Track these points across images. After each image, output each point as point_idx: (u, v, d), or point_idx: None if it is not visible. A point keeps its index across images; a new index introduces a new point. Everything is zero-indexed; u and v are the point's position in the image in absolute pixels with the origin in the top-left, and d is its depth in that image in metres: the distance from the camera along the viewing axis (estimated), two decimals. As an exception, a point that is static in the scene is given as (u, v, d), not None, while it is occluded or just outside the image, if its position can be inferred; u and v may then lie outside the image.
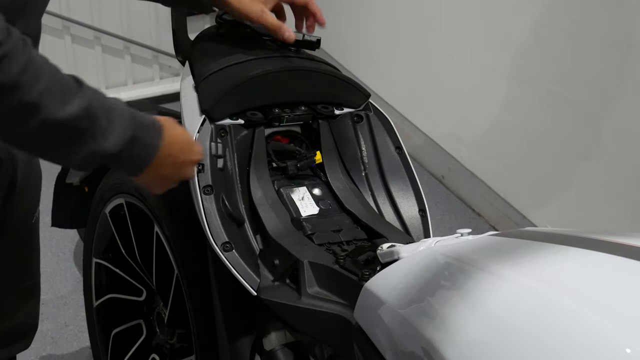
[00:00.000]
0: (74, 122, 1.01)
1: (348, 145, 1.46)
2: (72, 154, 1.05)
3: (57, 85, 1.00)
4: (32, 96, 0.97)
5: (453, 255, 1.01)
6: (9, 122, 0.99)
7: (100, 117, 1.04)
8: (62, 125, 1.01)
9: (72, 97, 1.01)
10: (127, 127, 1.07)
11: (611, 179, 2.36)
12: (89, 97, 1.03)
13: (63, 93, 1.00)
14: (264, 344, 1.33)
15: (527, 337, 0.82)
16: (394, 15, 3.17)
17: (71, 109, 1.00)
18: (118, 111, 1.07)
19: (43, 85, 0.98)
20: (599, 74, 2.33)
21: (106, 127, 1.05)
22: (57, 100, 0.99)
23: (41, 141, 1.03)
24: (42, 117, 0.99)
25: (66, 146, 1.04)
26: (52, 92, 0.99)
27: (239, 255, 1.29)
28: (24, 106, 0.97)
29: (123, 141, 1.07)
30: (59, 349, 2.23)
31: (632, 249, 0.91)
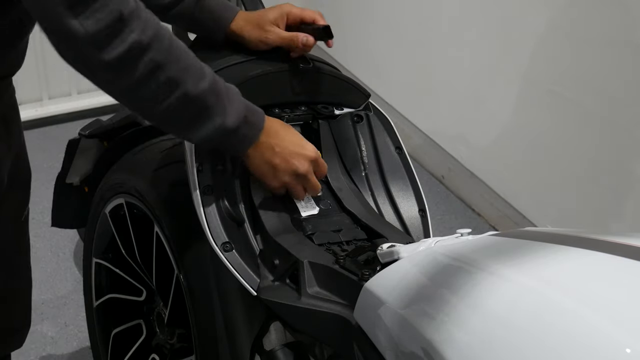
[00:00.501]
0: (205, 98, 1.14)
1: (348, 145, 1.46)
2: (198, 127, 1.17)
3: (193, 63, 1.13)
4: (176, 73, 1.10)
5: (453, 255, 1.01)
6: (155, 98, 1.11)
7: (223, 95, 1.16)
8: (196, 100, 1.13)
9: (203, 75, 1.14)
10: (241, 106, 1.20)
11: (611, 178, 2.36)
12: (213, 76, 1.16)
13: (197, 70, 1.13)
14: (264, 344, 1.33)
15: (527, 337, 0.82)
16: (394, 15, 3.17)
17: (203, 85, 1.13)
18: (233, 91, 1.20)
19: (183, 63, 1.11)
20: (599, 74, 2.33)
21: (227, 104, 1.17)
22: (194, 77, 1.12)
23: (176, 114, 1.14)
24: (182, 91, 1.11)
25: (196, 120, 1.16)
26: (189, 69, 1.12)
27: (239, 255, 1.29)
28: (169, 82, 1.10)
29: (239, 119, 1.19)
30: (59, 349, 2.23)
31: (632, 249, 0.91)
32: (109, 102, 3.15)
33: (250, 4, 1.55)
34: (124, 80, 1.08)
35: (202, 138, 1.19)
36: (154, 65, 1.07)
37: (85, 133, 2.02)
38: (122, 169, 1.71)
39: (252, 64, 1.42)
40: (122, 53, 1.04)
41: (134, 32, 1.03)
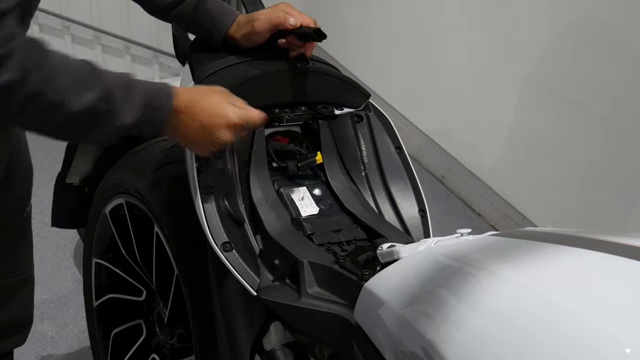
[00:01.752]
0: (93, 107, 1.11)
1: (348, 145, 1.46)
2: (94, 133, 1.16)
3: (76, 77, 1.10)
4: (55, 96, 1.08)
5: (453, 255, 1.01)
6: (38, 122, 1.11)
7: (116, 96, 1.13)
8: (83, 113, 1.11)
9: (90, 85, 1.11)
10: (140, 98, 1.16)
11: (611, 178, 2.36)
12: (104, 80, 1.13)
13: (82, 83, 1.11)
14: (264, 344, 1.33)
15: (527, 336, 0.82)
16: (394, 15, 3.17)
17: (91, 96, 1.10)
18: (130, 86, 1.16)
19: (64, 83, 1.09)
20: (599, 74, 2.33)
21: (122, 103, 1.14)
22: (77, 92, 1.10)
23: (65, 128, 1.14)
24: (66, 110, 1.09)
25: (89, 128, 1.15)
26: (72, 86, 1.09)
27: (239, 255, 1.29)
28: (50, 106, 1.08)
29: (138, 111, 1.15)
30: (59, 349, 2.23)
31: (632, 249, 0.91)
32: (109, 102, 3.15)
33: (251, 4, 1.55)
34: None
35: (102, 140, 1.21)
36: (28, 98, 1.07)
37: (85, 133, 2.02)
38: (122, 169, 1.71)
39: (252, 64, 1.42)
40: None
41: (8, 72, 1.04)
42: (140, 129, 1.19)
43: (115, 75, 1.15)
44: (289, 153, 1.44)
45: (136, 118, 1.16)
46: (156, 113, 1.18)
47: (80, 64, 1.12)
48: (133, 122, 1.15)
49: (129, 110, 1.15)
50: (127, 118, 1.15)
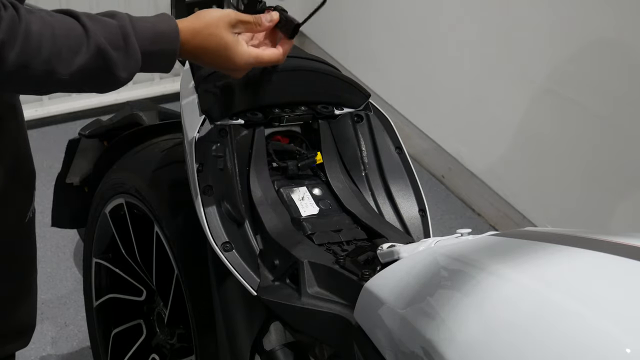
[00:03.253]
0: (88, 67, 1.06)
1: (348, 145, 1.46)
2: (96, 86, 1.11)
3: (61, 43, 1.04)
4: (38, 68, 1.02)
5: (453, 255, 1.01)
6: (32, 89, 1.08)
7: (110, 52, 1.08)
8: (77, 75, 1.06)
9: (79, 47, 1.06)
10: (138, 48, 1.11)
11: (611, 179, 2.36)
12: (95, 39, 1.07)
13: (69, 48, 1.05)
14: (264, 344, 1.33)
15: (527, 337, 0.82)
16: (394, 15, 3.17)
17: (80, 59, 1.05)
18: (127, 36, 1.10)
19: (46, 53, 1.03)
20: (599, 74, 2.33)
21: (119, 57, 1.09)
22: (65, 59, 1.04)
23: (63, 88, 1.09)
24: (55, 79, 1.05)
25: (89, 84, 1.10)
26: (57, 54, 1.04)
27: (239, 255, 1.29)
28: (36, 77, 1.03)
29: (137, 61, 1.11)
30: (59, 349, 2.23)
31: (632, 249, 0.91)
32: (109, 102, 3.16)
33: None
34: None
35: (105, 91, 1.14)
36: (6, 75, 1.02)
37: (85, 133, 2.02)
38: (122, 169, 1.71)
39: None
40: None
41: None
42: (148, 70, 1.16)
43: (108, 27, 1.09)
44: (289, 153, 1.44)
45: (137, 68, 1.12)
46: (159, 59, 1.14)
47: (64, 24, 1.06)
48: (134, 72, 1.12)
49: (128, 63, 1.10)
50: (127, 70, 1.10)
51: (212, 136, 1.36)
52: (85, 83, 1.10)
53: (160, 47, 1.13)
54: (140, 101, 2.19)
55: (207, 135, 1.36)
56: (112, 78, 1.10)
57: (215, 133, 1.36)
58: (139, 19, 1.13)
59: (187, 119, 1.41)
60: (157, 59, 1.14)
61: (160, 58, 1.14)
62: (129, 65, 1.10)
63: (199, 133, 1.36)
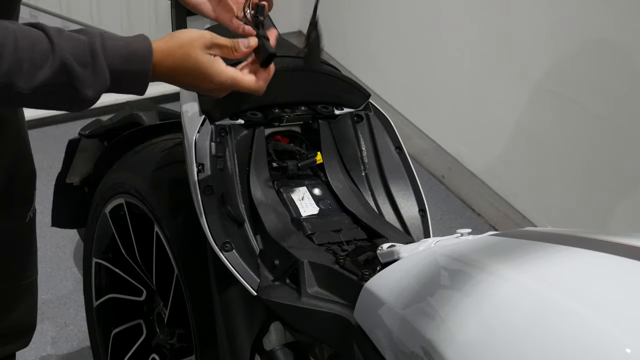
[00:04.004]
0: (51, 83, 1.02)
1: (348, 145, 1.46)
2: (61, 105, 1.07)
3: (23, 57, 1.00)
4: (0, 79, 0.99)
5: (453, 255, 1.01)
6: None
7: (75, 68, 1.04)
8: (40, 90, 1.02)
9: (42, 62, 1.02)
10: (108, 65, 1.06)
11: (611, 179, 2.36)
12: (60, 54, 1.03)
13: (32, 61, 1.01)
14: (264, 344, 1.33)
15: (527, 337, 0.82)
16: (394, 15, 3.17)
17: (43, 75, 1.02)
18: (94, 53, 1.05)
19: (6, 66, 0.99)
20: (599, 74, 2.33)
21: (85, 75, 1.05)
22: (25, 73, 1.00)
23: (30, 104, 1.05)
24: (15, 91, 1.01)
25: (52, 101, 1.06)
26: (17, 68, 1.00)
27: (239, 255, 1.29)
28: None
29: (105, 81, 1.06)
30: (59, 349, 2.23)
31: (632, 249, 0.91)
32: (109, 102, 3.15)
33: None
34: None
35: (74, 109, 1.10)
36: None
37: (85, 133, 2.02)
38: (122, 169, 1.71)
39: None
40: None
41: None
42: (119, 91, 1.10)
43: (76, 43, 1.04)
44: (289, 153, 1.44)
45: (104, 87, 1.07)
46: (129, 81, 1.09)
47: (29, 37, 1.02)
48: (101, 91, 1.07)
49: (94, 81, 1.05)
50: (93, 89, 1.06)
51: (212, 136, 1.36)
52: (49, 99, 1.06)
53: (131, 67, 1.08)
54: (140, 101, 2.19)
55: (207, 135, 1.36)
56: (77, 95, 1.05)
57: (215, 133, 1.36)
58: (112, 37, 1.09)
59: (187, 119, 1.41)
60: (128, 79, 1.09)
61: (132, 78, 1.09)
62: (96, 84, 1.05)
63: (199, 133, 1.36)
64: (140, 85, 1.11)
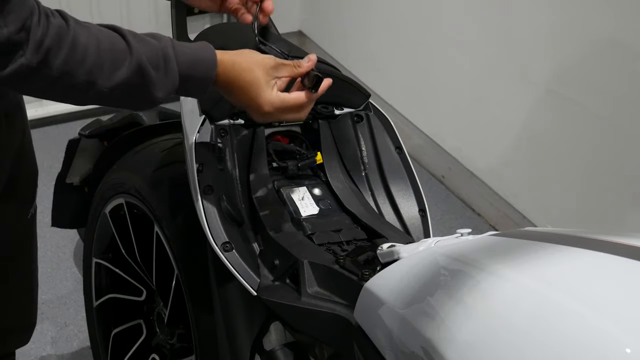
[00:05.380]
0: (127, 83, 1.09)
1: (348, 145, 1.46)
2: (132, 102, 1.14)
3: (105, 57, 1.07)
4: (80, 78, 1.05)
5: (453, 255, 1.01)
6: (73, 98, 1.10)
7: (150, 71, 1.10)
8: (117, 89, 1.08)
9: (121, 62, 1.08)
10: (177, 72, 1.13)
11: (611, 178, 2.36)
12: (137, 56, 1.09)
13: (112, 62, 1.07)
14: (264, 344, 1.33)
15: (527, 337, 0.82)
16: (394, 15, 3.17)
17: (121, 74, 1.08)
18: (167, 58, 1.12)
19: (89, 64, 1.05)
20: (599, 74, 2.33)
21: (157, 77, 1.11)
22: (106, 72, 1.07)
23: (100, 100, 1.11)
24: (96, 89, 1.07)
25: (125, 99, 1.12)
26: (100, 66, 1.06)
27: (239, 255, 1.29)
28: (76, 86, 1.06)
29: (174, 84, 1.13)
30: (59, 349, 2.23)
31: (632, 249, 0.91)
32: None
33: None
34: (25, 91, 1.07)
35: (143, 108, 1.19)
36: (53, 79, 1.04)
37: (85, 133, 2.02)
38: (122, 169, 1.71)
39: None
40: (12, 73, 1.01)
41: (24, 55, 1.00)
42: (183, 94, 1.19)
43: (150, 47, 1.12)
44: (289, 153, 1.44)
45: (173, 89, 1.14)
46: (194, 85, 1.17)
47: (109, 39, 1.09)
48: (170, 93, 1.14)
49: (165, 84, 1.13)
50: (163, 90, 1.13)
51: (212, 136, 1.36)
52: (123, 98, 1.12)
53: (198, 72, 1.15)
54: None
55: (207, 135, 1.36)
56: (148, 96, 1.12)
57: (215, 133, 1.36)
58: (180, 44, 1.16)
59: (187, 119, 1.41)
60: (193, 84, 1.16)
61: (197, 83, 1.16)
62: (167, 86, 1.13)
63: (199, 133, 1.36)
64: (203, 90, 1.18)
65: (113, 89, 1.08)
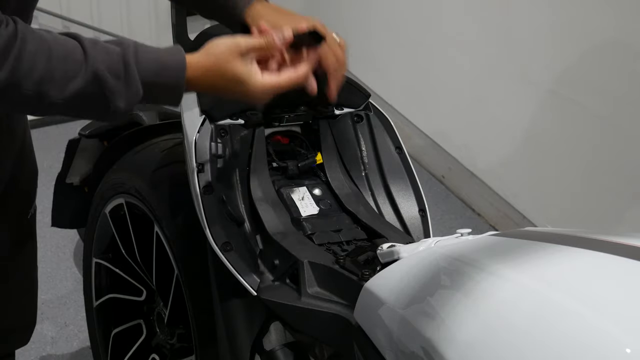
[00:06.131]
0: (83, 93, 1.03)
1: (348, 145, 1.46)
2: (93, 115, 1.09)
3: (57, 66, 1.01)
4: (29, 89, 1.00)
5: (453, 255, 1.01)
6: (25, 109, 1.06)
7: (107, 80, 1.04)
8: (72, 100, 1.03)
9: (75, 73, 1.02)
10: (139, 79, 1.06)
11: (611, 178, 2.36)
12: (93, 65, 1.03)
13: (64, 73, 1.02)
14: (264, 344, 1.33)
15: (527, 337, 0.82)
16: (394, 15, 3.17)
17: (75, 85, 1.02)
18: (127, 64, 1.06)
19: (38, 75, 1.00)
20: (599, 74, 2.33)
21: (117, 86, 1.05)
22: (58, 83, 1.01)
23: (61, 112, 1.06)
24: (47, 101, 1.02)
25: (83, 111, 1.07)
26: (50, 77, 1.01)
27: (239, 255, 1.29)
28: (26, 98, 1.01)
29: (137, 92, 1.07)
30: (59, 349, 2.23)
31: (632, 249, 0.91)
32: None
33: None
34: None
35: (105, 120, 1.11)
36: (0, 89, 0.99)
37: (85, 133, 2.02)
38: (122, 169, 1.71)
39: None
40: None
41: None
42: (151, 102, 1.11)
43: (110, 54, 1.05)
44: (289, 153, 1.44)
45: (137, 99, 1.07)
46: (162, 93, 1.10)
47: (64, 48, 1.03)
48: (134, 103, 1.08)
49: (127, 93, 1.06)
50: (126, 100, 1.06)
51: (212, 136, 1.36)
52: (82, 110, 1.07)
53: (164, 79, 1.08)
54: (140, 101, 2.19)
55: (207, 135, 1.36)
56: (109, 106, 1.06)
57: (215, 133, 1.36)
58: (146, 49, 1.09)
59: (187, 119, 1.41)
60: (160, 92, 1.09)
61: (164, 91, 1.09)
62: (128, 95, 1.06)
63: (199, 133, 1.36)
64: (175, 98, 1.11)
65: (67, 100, 1.03)
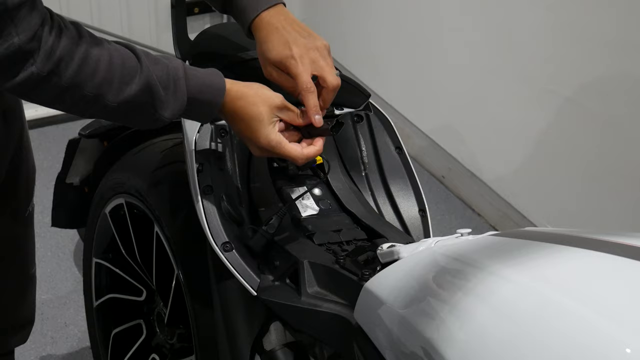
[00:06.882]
0: (135, 100, 1.10)
1: (348, 145, 1.46)
2: (137, 120, 1.16)
3: (115, 72, 1.08)
4: (89, 90, 1.07)
5: (453, 255, 1.01)
6: (80, 109, 1.11)
7: (158, 90, 1.12)
8: (123, 105, 1.10)
9: (130, 79, 1.10)
10: (185, 92, 1.14)
11: (611, 179, 2.36)
12: (147, 74, 1.11)
13: (121, 78, 1.09)
14: (264, 344, 1.33)
15: (527, 337, 0.82)
16: (394, 15, 3.17)
17: (129, 91, 1.10)
18: (176, 78, 1.14)
19: (99, 78, 1.07)
20: (599, 74, 2.33)
21: (165, 97, 1.13)
22: (115, 87, 1.09)
23: (106, 115, 1.13)
24: (102, 104, 1.09)
25: (130, 116, 1.14)
26: (109, 81, 1.08)
27: (239, 255, 1.29)
28: (84, 98, 1.07)
29: (181, 105, 1.15)
30: (59, 349, 2.23)
31: (632, 249, 0.91)
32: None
33: None
34: (34, 100, 1.08)
35: (147, 126, 1.20)
36: (62, 90, 1.06)
37: (85, 133, 2.02)
38: (122, 169, 1.71)
39: (253, 64, 1.42)
40: (22, 81, 1.02)
41: (35, 64, 1.02)
42: (188, 117, 1.21)
43: (161, 66, 1.13)
44: (289, 153, 1.44)
45: (180, 111, 1.16)
46: (200, 109, 1.18)
47: (121, 55, 1.10)
48: (177, 114, 1.16)
49: (173, 104, 1.14)
50: (171, 110, 1.15)
51: (212, 136, 1.36)
52: (129, 115, 1.14)
53: (206, 97, 1.17)
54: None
55: (207, 135, 1.36)
56: (155, 115, 1.14)
57: (215, 133, 1.36)
58: (191, 68, 1.17)
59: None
60: (200, 107, 1.17)
61: (203, 107, 1.18)
62: (174, 107, 1.14)
63: (199, 133, 1.36)
64: (208, 115, 1.20)
65: (120, 105, 1.10)
